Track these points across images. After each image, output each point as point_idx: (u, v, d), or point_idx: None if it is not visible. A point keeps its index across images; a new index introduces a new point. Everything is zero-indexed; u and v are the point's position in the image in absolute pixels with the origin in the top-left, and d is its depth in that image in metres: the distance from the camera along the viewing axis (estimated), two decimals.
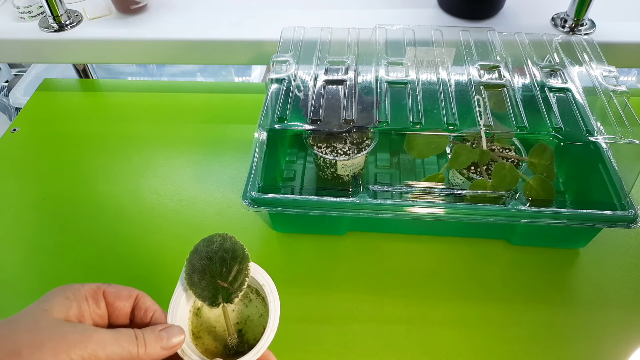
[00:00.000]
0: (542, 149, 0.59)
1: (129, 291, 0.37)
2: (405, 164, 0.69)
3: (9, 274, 0.61)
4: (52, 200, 0.69)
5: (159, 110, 0.84)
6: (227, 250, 0.39)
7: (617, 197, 0.57)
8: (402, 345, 0.53)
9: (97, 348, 0.31)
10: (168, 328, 0.35)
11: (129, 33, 0.80)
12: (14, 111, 1.41)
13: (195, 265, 0.38)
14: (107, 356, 0.32)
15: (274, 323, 0.38)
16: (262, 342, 0.37)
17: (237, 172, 0.72)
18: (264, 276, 0.40)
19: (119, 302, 0.36)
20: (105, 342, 0.32)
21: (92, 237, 0.65)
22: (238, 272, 0.38)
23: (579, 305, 0.57)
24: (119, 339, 0.33)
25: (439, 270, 0.60)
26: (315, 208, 0.58)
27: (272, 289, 0.40)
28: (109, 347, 0.32)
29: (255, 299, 0.42)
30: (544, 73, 0.63)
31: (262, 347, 0.37)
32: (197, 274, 0.38)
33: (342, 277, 0.60)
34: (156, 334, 0.35)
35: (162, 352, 0.34)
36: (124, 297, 0.36)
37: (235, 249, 0.39)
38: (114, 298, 0.36)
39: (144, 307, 0.37)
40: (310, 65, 0.64)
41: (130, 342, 0.33)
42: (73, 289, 0.35)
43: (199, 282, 0.38)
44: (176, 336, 0.35)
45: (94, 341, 0.31)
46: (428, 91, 0.59)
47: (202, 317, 0.41)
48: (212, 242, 0.39)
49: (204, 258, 0.38)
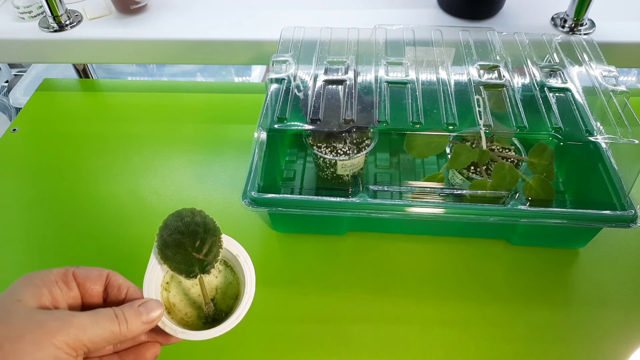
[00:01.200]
0: (542, 148, 0.59)
1: (99, 270, 0.36)
2: (405, 164, 0.69)
3: (9, 273, 0.61)
4: (52, 200, 0.69)
5: (159, 110, 0.84)
6: (199, 223, 0.39)
7: (617, 197, 0.57)
8: (402, 345, 0.54)
9: (78, 332, 0.31)
10: (146, 302, 0.35)
11: (129, 33, 0.80)
12: (14, 111, 1.41)
13: (168, 240, 0.39)
14: (90, 339, 0.31)
15: (251, 289, 0.40)
16: (241, 307, 0.39)
17: (237, 172, 0.72)
18: (237, 247, 0.41)
19: (89, 282, 0.36)
20: (85, 325, 0.31)
21: (92, 237, 0.65)
22: (212, 244, 0.39)
23: (578, 305, 0.57)
24: (99, 319, 0.32)
25: (439, 270, 0.60)
26: (315, 208, 0.58)
27: (246, 258, 0.41)
28: (90, 330, 0.31)
29: (224, 269, 0.43)
30: (543, 73, 0.63)
31: (243, 312, 0.39)
32: (171, 248, 0.39)
33: (342, 277, 0.60)
34: (135, 310, 0.34)
35: (144, 327, 0.34)
36: (94, 277, 0.36)
37: (206, 222, 0.40)
38: (84, 279, 0.36)
39: (116, 285, 0.36)
40: (310, 65, 0.64)
41: (111, 321, 0.33)
42: (41, 275, 0.34)
43: (173, 255, 0.39)
44: (155, 310, 0.35)
45: (74, 326, 0.31)
46: (428, 91, 0.60)
47: (171, 290, 0.42)
48: (182, 217, 0.39)
49: (176, 232, 0.39)
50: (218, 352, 0.53)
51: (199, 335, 0.38)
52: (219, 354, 0.53)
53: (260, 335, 0.55)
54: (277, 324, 0.56)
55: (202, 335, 0.38)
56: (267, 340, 0.54)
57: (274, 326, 0.55)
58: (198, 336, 0.38)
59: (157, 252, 0.39)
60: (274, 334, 0.55)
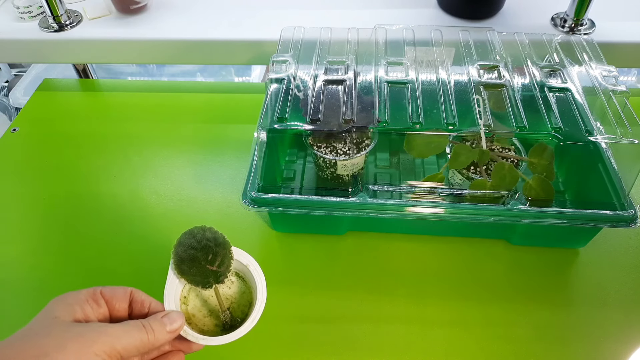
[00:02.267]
0: (542, 148, 0.59)
1: (123, 289, 0.39)
2: (405, 163, 0.69)
3: (9, 273, 0.61)
4: (52, 200, 0.69)
5: (159, 110, 0.84)
6: (210, 239, 0.42)
7: (617, 197, 0.57)
8: (402, 345, 0.54)
9: (113, 341, 0.34)
10: (169, 314, 0.39)
11: (129, 33, 0.80)
12: (14, 111, 1.41)
13: (183, 256, 0.42)
14: (123, 347, 0.34)
15: (263, 294, 0.43)
16: (255, 311, 0.42)
17: (237, 172, 0.72)
18: (247, 257, 0.45)
19: (116, 300, 0.39)
20: (119, 335, 0.35)
21: (92, 237, 0.65)
22: (224, 256, 0.43)
23: (579, 305, 0.57)
24: (130, 330, 0.35)
25: (439, 270, 0.60)
26: (315, 208, 0.58)
27: (256, 267, 0.45)
28: (123, 339, 0.35)
29: (237, 280, 0.47)
30: (543, 73, 0.63)
31: (257, 316, 0.42)
32: (186, 263, 0.42)
33: (342, 277, 0.60)
34: (159, 321, 0.38)
35: (168, 336, 0.38)
36: (119, 295, 0.39)
37: (216, 237, 0.43)
38: (111, 297, 0.38)
39: (139, 301, 0.40)
40: (309, 65, 0.64)
41: (140, 331, 0.36)
42: (72, 295, 0.37)
43: (189, 269, 0.42)
44: (177, 320, 0.39)
45: (110, 335, 0.34)
46: (428, 91, 0.60)
47: (189, 304, 0.45)
48: (194, 234, 0.42)
49: (190, 248, 0.42)
50: (218, 352, 0.53)
51: (219, 340, 0.41)
52: (219, 353, 0.53)
53: (260, 335, 0.55)
54: (277, 324, 0.56)
55: (221, 340, 0.41)
56: (267, 340, 0.54)
57: (274, 326, 0.55)
58: (217, 341, 0.41)
59: (174, 268, 0.43)
60: (274, 334, 0.55)
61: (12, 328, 0.55)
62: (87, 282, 0.60)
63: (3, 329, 0.56)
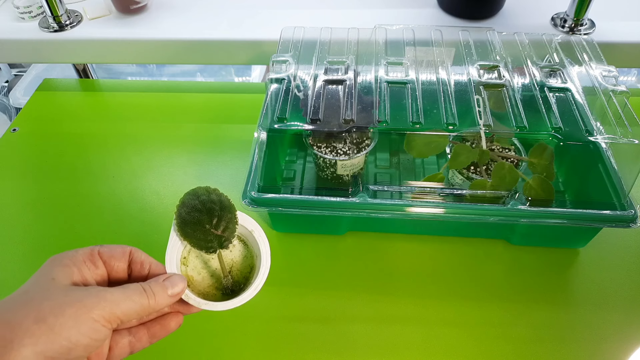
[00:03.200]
0: (542, 148, 0.59)
1: (122, 248, 0.38)
2: (405, 163, 0.69)
3: (9, 273, 0.61)
4: (52, 200, 0.69)
5: (159, 110, 0.84)
6: (215, 201, 0.41)
7: (617, 197, 0.57)
8: (402, 345, 0.54)
9: (112, 306, 0.33)
10: (170, 277, 0.37)
11: (129, 33, 0.81)
12: (14, 111, 1.41)
13: (186, 218, 0.40)
14: (123, 312, 0.34)
15: (267, 261, 0.42)
16: (259, 278, 0.41)
17: (237, 172, 0.72)
18: (252, 223, 0.43)
19: (114, 260, 0.37)
20: (118, 300, 0.34)
21: (92, 237, 0.65)
22: (229, 221, 0.41)
23: (579, 305, 0.57)
24: (130, 294, 0.34)
25: (439, 270, 0.60)
26: (315, 208, 0.58)
27: (260, 233, 0.43)
28: (122, 304, 0.34)
29: (239, 244, 0.45)
30: (543, 73, 0.63)
31: (260, 283, 0.41)
32: (190, 226, 0.40)
33: (342, 277, 0.60)
34: (160, 284, 0.36)
35: (169, 300, 0.37)
36: (118, 254, 0.38)
37: (222, 200, 0.41)
38: (109, 257, 0.37)
39: (139, 261, 0.38)
40: (309, 65, 0.64)
41: (141, 295, 0.35)
42: (68, 255, 0.36)
43: (192, 232, 0.40)
44: (179, 284, 0.37)
45: (109, 300, 0.33)
46: (428, 91, 0.60)
47: (189, 265, 0.43)
48: (198, 195, 0.41)
49: (194, 210, 0.40)
50: (218, 351, 0.53)
51: (221, 305, 0.39)
52: (219, 353, 0.53)
53: (260, 335, 0.55)
54: (277, 324, 0.56)
55: (224, 305, 0.40)
56: (267, 340, 0.54)
57: (274, 326, 0.55)
58: (220, 307, 0.39)
59: (176, 230, 0.41)
60: (274, 334, 0.55)
61: None
62: None
63: None
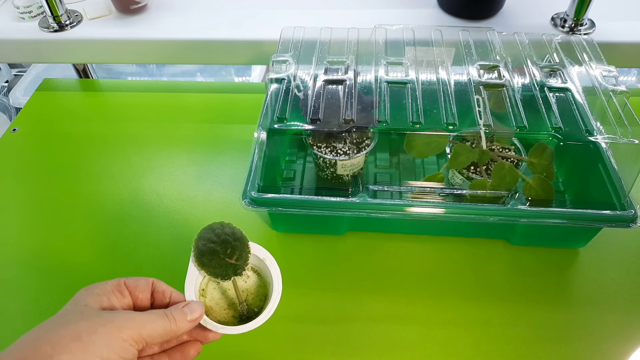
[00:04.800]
0: (542, 148, 0.59)
1: (145, 280, 0.41)
2: (405, 163, 0.69)
3: (9, 273, 0.61)
4: (52, 200, 0.69)
5: (159, 110, 0.84)
6: (228, 234, 0.45)
7: (617, 197, 0.57)
8: (402, 345, 0.54)
9: (140, 327, 0.36)
10: (189, 304, 0.41)
11: (129, 33, 0.80)
12: (14, 111, 1.41)
13: (203, 249, 0.44)
14: (148, 333, 0.37)
15: (279, 286, 0.46)
16: (272, 303, 0.44)
17: (237, 172, 0.72)
18: (264, 251, 0.47)
19: (139, 290, 0.41)
20: (144, 322, 0.37)
21: (92, 237, 0.65)
22: (242, 250, 0.45)
23: (579, 305, 0.57)
24: (154, 318, 0.38)
25: (439, 270, 0.60)
26: (315, 208, 0.58)
27: (272, 261, 0.47)
28: (148, 326, 0.37)
29: (253, 274, 0.49)
30: (543, 73, 0.63)
31: (273, 307, 0.44)
32: (206, 256, 0.44)
33: (342, 277, 0.60)
34: (181, 310, 0.40)
35: (189, 324, 0.40)
36: (142, 285, 0.41)
37: (234, 232, 0.45)
38: (134, 288, 0.40)
39: (161, 291, 0.42)
40: (309, 65, 0.64)
41: (163, 320, 0.38)
42: (99, 286, 0.39)
43: (209, 262, 0.44)
44: (198, 310, 0.41)
45: (137, 322, 0.36)
46: (428, 91, 0.60)
47: (207, 296, 0.47)
48: (213, 229, 0.45)
49: (210, 242, 0.44)
50: (218, 351, 0.53)
51: (237, 329, 0.43)
52: (219, 353, 0.53)
53: (260, 335, 0.54)
54: (277, 324, 0.55)
55: (240, 329, 0.43)
56: (267, 340, 0.54)
57: (274, 326, 0.55)
58: (236, 330, 0.43)
59: (194, 260, 0.44)
60: (274, 334, 0.55)
61: (12, 327, 0.56)
62: (87, 281, 0.60)
63: (3, 329, 0.56)
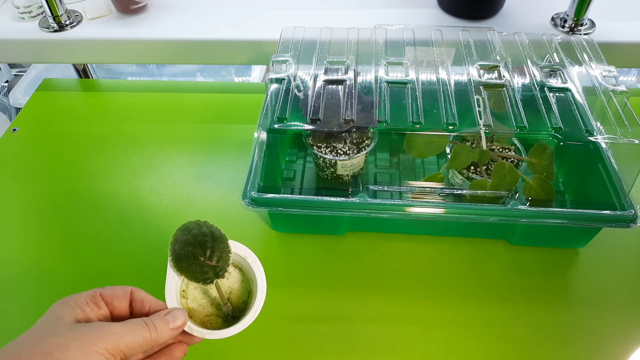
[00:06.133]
0: (542, 148, 0.59)
1: (123, 289, 0.40)
2: (405, 163, 0.69)
3: (9, 273, 0.61)
4: (52, 200, 0.69)
5: (159, 110, 0.84)
6: (206, 234, 0.42)
7: (617, 197, 0.57)
8: (402, 345, 0.54)
9: (115, 339, 0.35)
10: (172, 312, 0.39)
11: (129, 33, 0.80)
12: (14, 111, 1.41)
13: (180, 253, 0.42)
14: (126, 345, 0.35)
15: (263, 285, 0.43)
16: (257, 303, 0.42)
17: (237, 172, 0.72)
18: (245, 249, 0.45)
19: (116, 300, 0.39)
20: (121, 333, 0.35)
21: (92, 237, 0.65)
22: (222, 251, 0.43)
23: (579, 305, 0.57)
24: (132, 328, 0.36)
25: (439, 270, 0.60)
26: (315, 208, 0.58)
27: (254, 258, 0.45)
28: (125, 337, 0.35)
29: (234, 271, 0.47)
30: (543, 73, 0.63)
31: (259, 307, 0.42)
32: (185, 260, 0.42)
33: (342, 277, 0.60)
34: (162, 318, 0.38)
35: (171, 333, 0.38)
36: (119, 294, 0.39)
37: (213, 232, 0.42)
38: (111, 298, 0.39)
39: (139, 300, 0.40)
40: (310, 65, 0.64)
41: (143, 329, 0.36)
42: (73, 298, 0.37)
43: (188, 266, 0.42)
44: (180, 317, 0.39)
45: (112, 333, 0.35)
46: (428, 91, 0.60)
47: (188, 297, 0.45)
48: (189, 230, 0.42)
49: (187, 245, 0.42)
50: (218, 352, 0.53)
51: (224, 333, 0.41)
52: (219, 353, 0.53)
53: (260, 335, 0.55)
54: (277, 324, 0.56)
55: (226, 333, 0.41)
56: (267, 340, 0.54)
57: (273, 326, 0.55)
58: (223, 334, 0.41)
59: (172, 265, 0.42)
60: (273, 334, 0.55)
61: (12, 327, 0.56)
62: (87, 281, 0.60)
63: (3, 328, 0.56)
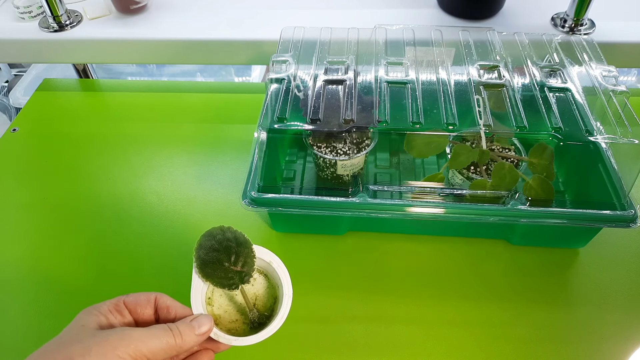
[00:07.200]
0: (542, 148, 0.59)
1: (146, 295, 0.40)
2: (405, 163, 0.69)
3: (9, 273, 0.61)
4: (52, 200, 0.69)
5: (159, 110, 0.84)
6: (230, 239, 0.42)
7: (617, 197, 0.57)
8: (402, 345, 0.54)
9: (138, 344, 0.34)
10: (197, 318, 0.39)
11: (129, 33, 0.80)
12: (14, 111, 1.41)
13: (205, 259, 0.42)
14: (149, 349, 0.35)
15: (289, 289, 0.43)
16: (284, 308, 0.42)
17: (237, 172, 0.72)
18: (269, 254, 0.45)
19: (140, 307, 0.39)
20: (144, 338, 0.35)
21: (92, 237, 0.65)
22: (246, 256, 0.43)
23: (579, 305, 0.57)
24: (155, 333, 0.36)
25: (439, 270, 0.60)
26: (315, 208, 0.58)
27: (279, 263, 0.45)
28: (148, 342, 0.35)
29: (259, 277, 0.46)
30: (543, 73, 0.63)
31: (286, 312, 0.42)
32: (210, 266, 0.42)
33: (342, 277, 0.60)
34: (188, 324, 0.38)
35: (197, 339, 0.38)
36: (142, 301, 0.39)
37: (237, 237, 0.43)
38: (134, 305, 0.39)
39: (165, 306, 0.40)
40: (309, 65, 0.64)
41: (167, 334, 0.36)
42: (96, 307, 0.38)
43: (213, 272, 0.42)
44: (206, 323, 0.39)
45: (134, 338, 0.35)
46: (428, 91, 0.60)
47: (214, 304, 0.45)
48: (214, 235, 0.42)
49: (212, 250, 0.42)
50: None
51: (251, 339, 0.41)
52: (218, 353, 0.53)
53: None
54: None
55: (254, 339, 0.41)
56: (267, 339, 0.54)
57: None
58: (250, 341, 0.41)
59: (197, 272, 0.42)
60: (273, 334, 0.55)
61: (12, 327, 0.56)
62: (87, 281, 0.60)
63: (3, 329, 0.56)
